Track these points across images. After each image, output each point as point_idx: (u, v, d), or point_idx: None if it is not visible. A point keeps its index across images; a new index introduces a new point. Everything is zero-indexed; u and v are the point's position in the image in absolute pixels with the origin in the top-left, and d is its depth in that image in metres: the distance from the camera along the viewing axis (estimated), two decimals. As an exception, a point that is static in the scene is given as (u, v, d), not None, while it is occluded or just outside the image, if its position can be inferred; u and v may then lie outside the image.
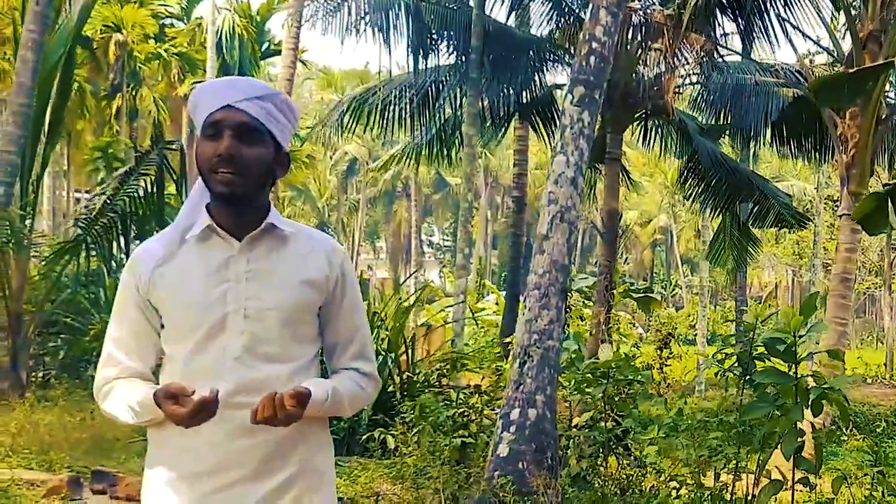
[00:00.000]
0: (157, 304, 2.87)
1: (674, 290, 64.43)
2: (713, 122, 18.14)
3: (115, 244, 14.80)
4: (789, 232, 32.39)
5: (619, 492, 9.03)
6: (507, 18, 17.90)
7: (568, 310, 11.31)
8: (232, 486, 2.80)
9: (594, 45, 9.64)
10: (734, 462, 7.97)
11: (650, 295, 17.94)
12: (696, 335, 34.70)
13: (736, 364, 8.07)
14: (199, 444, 2.79)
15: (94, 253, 14.92)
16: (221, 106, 2.81)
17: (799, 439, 7.21)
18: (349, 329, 3.05)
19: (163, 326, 2.91)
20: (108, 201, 14.42)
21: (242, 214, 2.86)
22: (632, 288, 21.45)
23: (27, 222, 14.90)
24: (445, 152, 19.20)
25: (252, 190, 2.82)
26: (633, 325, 34.29)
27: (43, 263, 15.10)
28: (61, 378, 14.77)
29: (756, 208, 18.38)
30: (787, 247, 43.79)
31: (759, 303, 45.71)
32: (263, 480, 2.82)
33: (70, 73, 16.25)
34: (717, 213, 18.91)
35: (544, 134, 18.18)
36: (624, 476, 9.18)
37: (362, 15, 16.16)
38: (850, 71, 12.47)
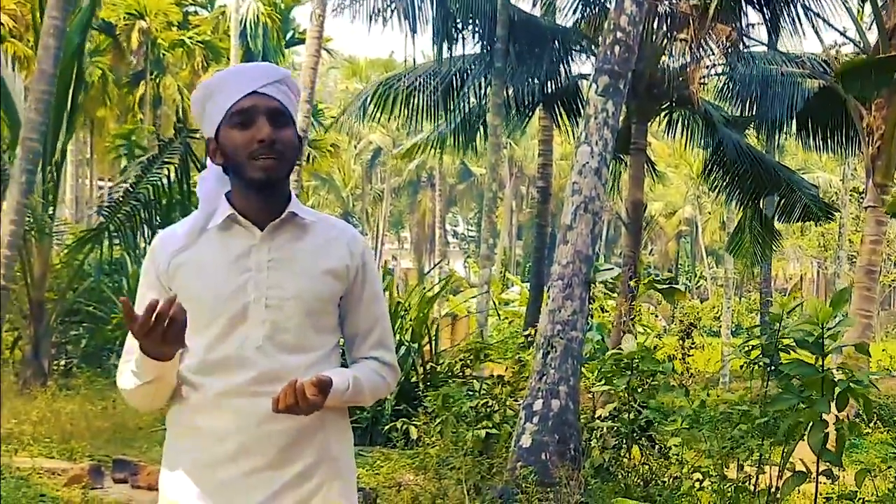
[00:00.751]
0: (177, 292, 2.76)
1: (698, 281, 64.19)
2: (738, 113, 18.01)
3: (138, 233, 14.75)
4: (815, 224, 32.17)
5: (642, 483, 9.01)
6: (533, 7, 17.89)
7: (591, 300, 11.26)
8: (252, 474, 2.78)
9: (619, 34, 9.59)
10: (758, 454, 7.92)
11: (674, 286, 17.86)
12: (720, 327, 34.55)
13: (761, 356, 8.01)
14: (220, 431, 2.77)
15: (117, 241, 14.90)
16: (248, 92, 2.78)
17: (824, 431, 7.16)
18: (369, 319, 3.02)
19: None
20: (131, 189, 14.41)
21: (266, 202, 2.83)
22: (656, 279, 21.39)
23: (49, 210, 14.90)
24: (470, 142, 19.16)
25: (287, 173, 2.82)
26: (657, 317, 34.19)
27: (65, 252, 15.09)
28: (83, 367, 14.79)
29: (782, 201, 18.27)
30: (813, 239, 43.57)
31: (784, 295, 45.50)
32: (283, 468, 2.80)
33: (83, 60, 16.26)
34: (742, 205, 18.79)
35: (568, 124, 18.13)
36: (647, 467, 9.16)
37: (388, 2, 16.17)
38: (878, 56, 12.36)
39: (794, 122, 17.11)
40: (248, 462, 2.77)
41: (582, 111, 16.01)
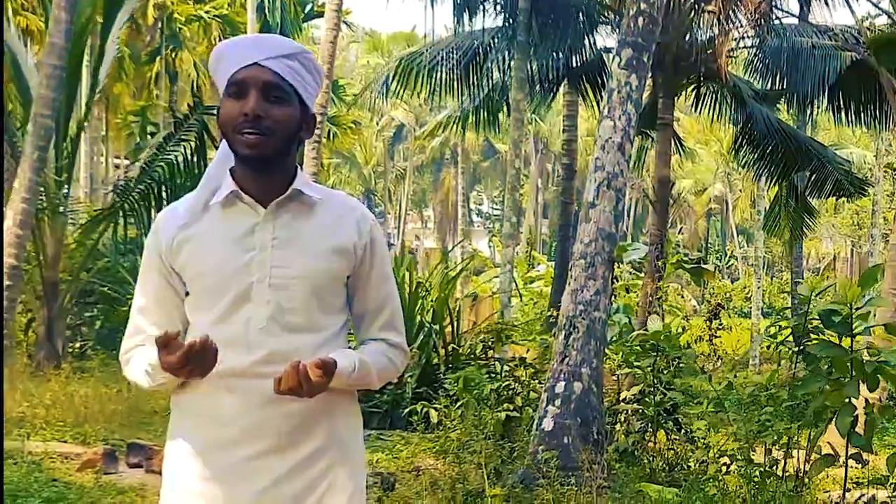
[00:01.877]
0: (180, 270, 2.79)
1: (729, 261, 63.84)
2: (768, 87, 17.72)
3: (152, 212, 14.57)
4: (848, 201, 31.81)
5: (667, 467, 8.87)
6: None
7: (615, 280, 11.07)
8: (257, 458, 2.72)
9: (642, 5, 9.47)
10: (785, 438, 7.73)
11: (702, 266, 17.54)
12: (751, 308, 34.29)
13: (790, 337, 7.81)
14: (224, 414, 2.72)
15: (131, 221, 14.77)
16: (247, 64, 2.71)
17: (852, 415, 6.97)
18: (378, 299, 2.94)
19: (187, 294, 2.82)
20: (146, 168, 14.27)
21: (268, 178, 2.76)
22: (684, 259, 21.13)
23: (64, 189, 14.78)
24: (493, 118, 18.99)
25: (278, 152, 2.73)
26: (682, 297, 33.91)
27: (79, 231, 14.96)
28: (98, 349, 14.67)
29: (814, 176, 17.99)
30: (846, 217, 43.19)
31: (817, 275, 45.19)
32: (289, 452, 2.75)
33: (106, 34, 16.11)
34: (773, 181, 18.54)
35: (593, 99, 17.91)
36: (672, 451, 8.98)
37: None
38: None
39: (826, 96, 16.81)
40: (254, 445, 2.72)
41: (607, 85, 15.79)
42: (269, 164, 2.74)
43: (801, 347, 7.65)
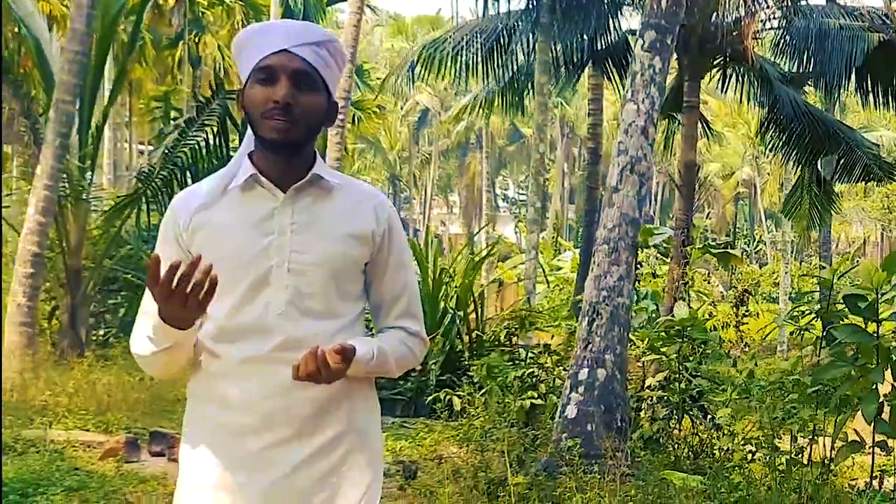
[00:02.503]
0: (196, 253, 2.66)
1: (757, 246, 63.55)
2: (795, 69, 17.53)
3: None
4: (878, 185, 31.53)
5: (691, 455, 8.79)
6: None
7: (639, 266, 11.01)
8: (275, 446, 2.71)
9: (666, -14, 9.33)
10: (811, 425, 7.64)
11: (728, 250, 17.45)
12: (779, 293, 34.11)
13: (814, 322, 7.73)
14: (243, 399, 2.70)
15: (154, 207, 14.67)
16: (277, 50, 2.69)
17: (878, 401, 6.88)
18: (396, 286, 2.92)
19: None
20: (169, 153, 14.23)
21: (288, 164, 2.75)
22: (711, 244, 21.02)
23: (87, 175, 14.73)
24: (518, 102, 18.91)
25: (303, 139, 2.73)
26: (708, 282, 33.75)
27: (101, 218, 14.92)
28: (121, 337, 14.65)
29: (842, 161, 17.81)
30: (876, 200, 42.88)
31: (847, 259, 44.95)
32: (308, 439, 2.73)
33: (139, 23, 16.12)
34: (800, 165, 18.35)
35: (618, 82, 17.78)
36: (697, 439, 8.90)
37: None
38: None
39: (854, 77, 16.62)
40: (272, 433, 2.71)
41: (630, 68, 15.69)
42: (293, 150, 2.73)
43: (827, 333, 7.56)
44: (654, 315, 11.89)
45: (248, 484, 2.70)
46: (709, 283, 29.93)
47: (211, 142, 14.41)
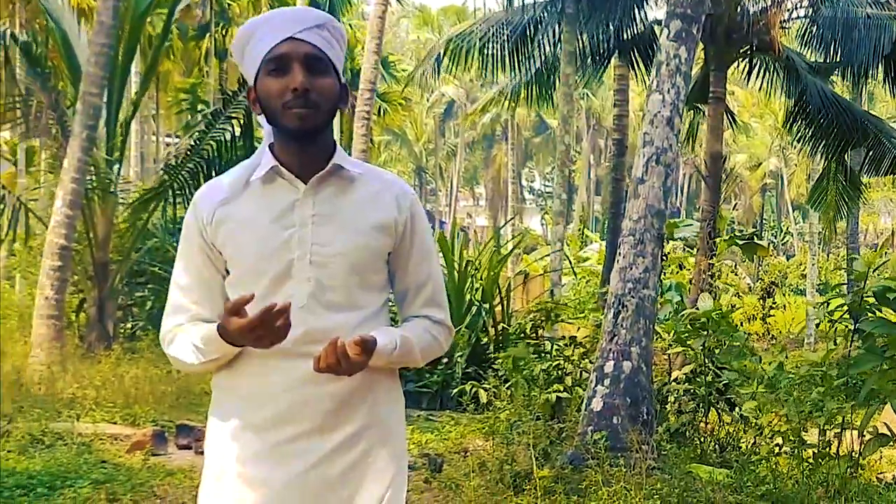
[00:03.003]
0: (220, 247, 2.78)
1: (784, 237, 63.23)
2: (822, 59, 17.38)
3: (201, 191, 14.57)
4: (907, 176, 31.26)
5: (718, 448, 8.77)
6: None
7: (664, 257, 10.95)
8: (298, 439, 2.71)
9: (692, -24, 9.28)
10: (839, 418, 7.60)
11: (755, 241, 17.35)
12: (806, 285, 33.89)
13: (845, 315, 7.68)
14: (265, 393, 2.71)
15: (180, 200, 14.72)
16: (283, 38, 2.68)
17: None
18: (419, 275, 2.93)
19: (228, 272, 2.81)
20: (195, 146, 14.26)
21: (308, 154, 2.75)
22: (737, 235, 20.90)
23: (114, 168, 14.78)
24: (545, 93, 18.87)
25: (324, 124, 2.73)
26: (735, 274, 33.59)
27: (128, 211, 14.98)
28: (148, 330, 14.69)
29: (870, 153, 17.64)
30: (905, 191, 42.57)
31: (875, 251, 44.64)
32: (330, 433, 2.74)
33: (171, 18, 16.15)
34: (828, 157, 18.18)
35: (644, 73, 17.69)
36: (724, 432, 8.86)
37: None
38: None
39: (881, 67, 16.46)
40: (294, 426, 2.72)
41: (656, 58, 15.61)
42: (314, 138, 2.73)
43: (857, 325, 7.52)
44: (678, 307, 11.85)
45: (270, 477, 2.70)
46: (736, 274, 29.81)
47: (237, 134, 14.45)
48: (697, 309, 9.38)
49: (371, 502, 2.79)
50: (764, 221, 66.80)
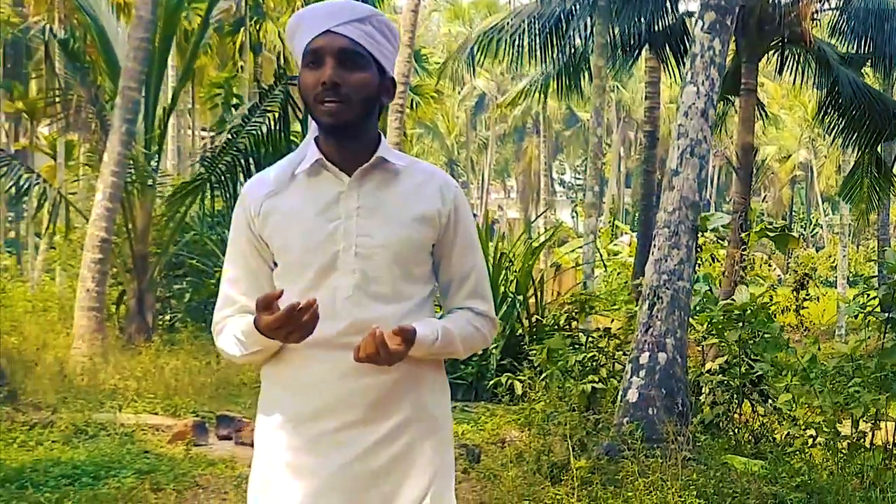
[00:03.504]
0: (268, 239, 2.80)
1: (814, 229, 62.92)
2: (854, 51, 17.29)
3: (238, 184, 14.60)
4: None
5: (752, 440, 8.78)
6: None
7: (699, 249, 10.94)
8: (344, 430, 2.73)
9: (725, -33, 9.27)
10: (873, 409, 7.62)
11: (787, 233, 17.26)
12: (836, 277, 33.74)
13: (878, 307, 7.70)
14: (311, 384, 2.74)
15: (217, 193, 14.86)
16: (321, 32, 2.71)
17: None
18: (463, 267, 2.93)
19: (276, 264, 2.83)
20: (232, 139, 14.34)
21: (351, 147, 2.77)
22: (768, 227, 20.81)
23: (153, 162, 14.92)
24: (575, 86, 18.82)
25: (358, 118, 2.73)
26: (770, 266, 33.50)
27: (166, 204, 15.10)
28: (187, 321, 14.80)
29: (904, 145, 17.60)
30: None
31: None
32: (375, 424, 2.75)
33: (209, 14, 16.24)
34: (860, 149, 18.08)
35: (675, 65, 17.65)
36: (758, 423, 8.89)
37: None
38: None
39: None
40: (340, 416, 2.73)
41: (689, 50, 15.56)
42: (351, 132, 2.75)
43: (890, 317, 7.53)
44: (707, 297, 11.84)
45: (317, 466, 2.74)
46: (770, 266, 29.70)
47: (273, 128, 14.52)
48: (732, 300, 9.39)
49: (415, 495, 2.80)
50: (793, 213, 66.42)
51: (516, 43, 17.58)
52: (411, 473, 2.80)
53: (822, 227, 60.22)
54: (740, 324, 9.08)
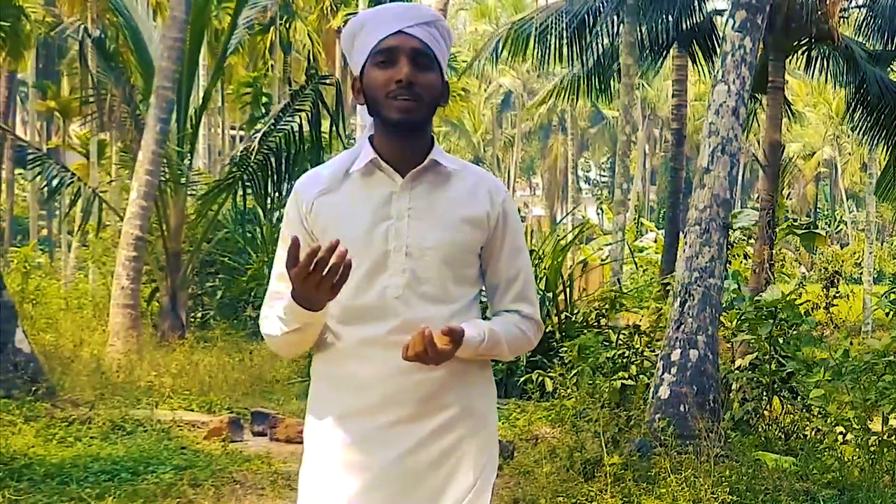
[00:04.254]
0: (319, 236, 2.81)
1: (838, 226, 62.63)
2: (881, 48, 17.24)
3: (269, 183, 14.74)
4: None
5: (783, 436, 8.80)
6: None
7: (730, 246, 10.95)
8: (392, 426, 2.77)
9: (756, -34, 9.27)
10: None
11: (814, 231, 17.29)
12: (861, 273, 33.60)
13: None
14: (360, 381, 2.77)
15: (249, 191, 14.91)
16: (393, 32, 2.74)
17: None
18: (510, 270, 2.95)
19: None
20: (263, 138, 14.41)
21: (407, 147, 2.80)
22: (794, 224, 20.79)
23: (186, 160, 14.99)
24: (603, 84, 18.82)
25: (425, 118, 2.78)
26: (798, 265, 33.42)
27: (199, 202, 15.18)
28: (219, 319, 14.88)
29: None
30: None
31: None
32: (423, 421, 2.78)
33: (237, 14, 16.30)
34: (890, 148, 18.02)
35: (703, 63, 17.65)
36: (788, 420, 8.91)
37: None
38: None
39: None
40: (389, 413, 2.77)
41: (718, 49, 15.54)
42: (414, 131, 2.78)
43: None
44: (735, 294, 11.85)
45: (369, 462, 2.76)
46: (799, 263, 29.63)
47: (304, 127, 14.58)
48: (761, 297, 9.40)
49: (461, 490, 2.82)
50: (818, 210, 66.15)
51: (543, 41, 17.60)
52: (459, 468, 2.84)
53: (846, 224, 59.92)
54: (772, 320, 9.09)
